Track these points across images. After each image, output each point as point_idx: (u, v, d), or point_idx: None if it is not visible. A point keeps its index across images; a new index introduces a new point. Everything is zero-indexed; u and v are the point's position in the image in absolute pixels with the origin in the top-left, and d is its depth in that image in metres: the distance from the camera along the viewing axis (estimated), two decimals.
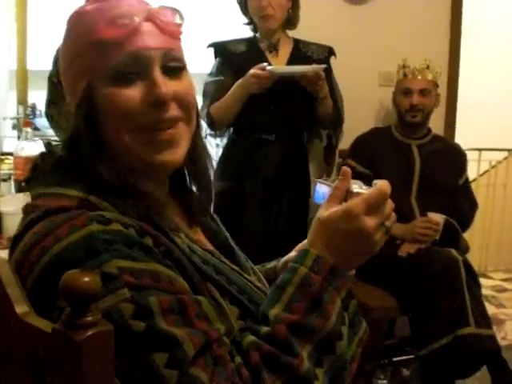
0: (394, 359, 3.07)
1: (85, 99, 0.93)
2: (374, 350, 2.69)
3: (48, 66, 2.79)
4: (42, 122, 4.75)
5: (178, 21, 0.98)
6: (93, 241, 0.83)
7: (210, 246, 1.05)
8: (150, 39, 0.93)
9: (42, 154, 1.00)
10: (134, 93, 0.92)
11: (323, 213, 0.92)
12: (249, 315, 0.94)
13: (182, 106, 0.96)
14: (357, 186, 0.93)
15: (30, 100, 4.25)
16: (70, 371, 0.73)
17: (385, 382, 2.96)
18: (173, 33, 0.96)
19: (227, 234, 1.15)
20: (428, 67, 2.96)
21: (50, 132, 4.17)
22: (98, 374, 0.73)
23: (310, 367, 0.85)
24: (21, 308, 0.82)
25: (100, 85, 0.92)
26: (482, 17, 4.76)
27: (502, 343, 2.89)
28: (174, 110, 0.94)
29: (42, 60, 4.26)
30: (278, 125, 2.63)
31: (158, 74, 0.93)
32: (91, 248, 0.82)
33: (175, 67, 0.96)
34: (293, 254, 1.19)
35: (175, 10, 0.98)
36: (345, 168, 0.95)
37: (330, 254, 0.90)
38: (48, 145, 1.01)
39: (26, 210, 0.95)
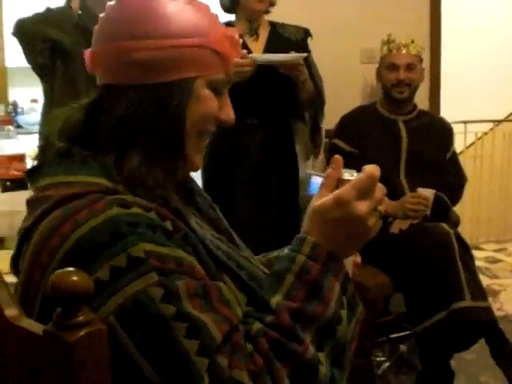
0: (391, 336, 3.08)
1: (180, 89, 0.95)
2: (371, 328, 2.69)
3: (26, 63, 2.75)
4: (24, 119, 4.72)
5: None
6: (116, 224, 0.83)
7: (213, 232, 1.05)
8: None
9: (42, 146, 1.00)
10: (217, 104, 0.99)
11: (316, 201, 0.93)
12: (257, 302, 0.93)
13: None
14: (348, 174, 0.94)
15: (10, 97, 4.19)
16: (63, 373, 0.72)
17: (383, 359, 2.98)
18: None
19: (226, 223, 1.14)
20: (413, 41, 2.94)
21: (33, 128, 4.12)
22: (92, 374, 0.71)
23: (314, 352, 0.85)
24: (10, 311, 0.81)
25: (201, 85, 0.96)
26: None
27: (498, 314, 2.91)
28: None
29: (20, 57, 4.22)
30: (261, 109, 2.61)
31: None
32: (115, 232, 0.82)
33: None
34: None
35: None
36: (336, 156, 0.96)
37: (326, 241, 0.91)
38: (47, 137, 1.00)
39: (34, 202, 0.94)
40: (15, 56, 4.04)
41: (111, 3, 0.99)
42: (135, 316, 0.78)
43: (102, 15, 0.99)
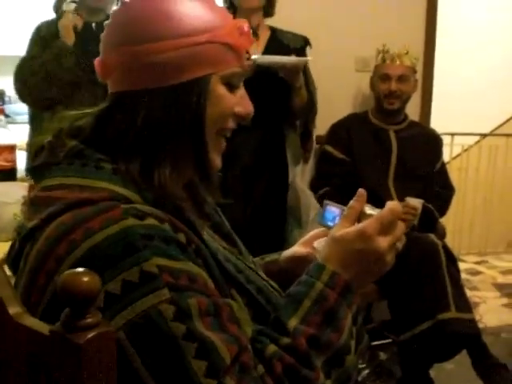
0: (372, 343, 3.09)
1: (197, 88, 0.92)
2: None
3: (16, 51, 2.72)
4: (12, 108, 4.67)
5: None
6: (130, 236, 0.80)
7: (223, 243, 1.04)
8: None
9: (51, 142, 0.96)
10: (234, 100, 0.96)
11: (337, 231, 0.95)
12: (264, 317, 0.93)
13: None
14: (368, 208, 0.97)
15: None
16: (69, 375, 0.70)
17: (363, 366, 2.98)
18: None
19: (229, 226, 1.13)
20: (407, 53, 2.94)
21: (20, 118, 4.08)
22: (99, 378, 0.70)
23: (324, 380, 0.86)
24: (14, 309, 0.79)
25: (216, 81, 0.94)
26: (457, 3, 4.80)
27: None
28: None
29: (9, 45, 4.18)
30: (254, 112, 2.60)
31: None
32: (129, 244, 0.80)
33: None
34: (296, 248, 1.19)
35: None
36: (361, 190, 0.98)
37: (344, 271, 0.92)
38: (59, 133, 0.96)
39: (40, 201, 0.91)
40: (4, 45, 4.02)
41: (116, 9, 0.96)
42: (145, 333, 0.77)
43: (107, 22, 0.96)
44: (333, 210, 1.05)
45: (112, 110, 0.94)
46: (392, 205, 0.94)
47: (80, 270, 0.71)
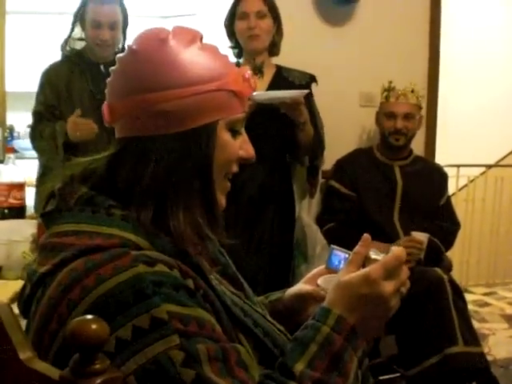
0: (381, 378, 3.07)
1: (205, 134, 0.95)
2: None
3: (26, 87, 2.77)
4: (20, 143, 4.71)
5: None
6: (141, 283, 0.82)
7: (230, 287, 1.05)
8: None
9: (62, 189, 0.98)
10: (238, 145, 1.00)
11: (343, 276, 0.97)
12: (271, 360, 0.94)
13: None
14: (373, 253, 0.99)
15: (8, 122, 4.19)
16: None
17: None
18: None
19: (234, 267, 1.15)
20: (413, 91, 2.95)
21: (29, 153, 4.14)
22: None
23: None
24: (24, 354, 0.81)
25: (222, 127, 0.97)
26: (458, 38, 4.86)
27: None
28: None
29: (19, 81, 4.25)
30: (259, 146, 2.61)
31: None
32: (139, 291, 0.82)
33: None
34: (300, 286, 1.21)
35: None
36: (365, 235, 1.00)
37: (350, 316, 0.94)
38: (70, 180, 0.99)
39: (51, 247, 0.92)
40: (14, 81, 4.08)
41: (123, 56, 0.98)
42: (155, 378, 0.78)
43: (114, 68, 0.98)
44: (338, 254, 1.09)
45: (121, 157, 0.96)
46: (397, 250, 0.96)
47: (89, 317, 0.73)
